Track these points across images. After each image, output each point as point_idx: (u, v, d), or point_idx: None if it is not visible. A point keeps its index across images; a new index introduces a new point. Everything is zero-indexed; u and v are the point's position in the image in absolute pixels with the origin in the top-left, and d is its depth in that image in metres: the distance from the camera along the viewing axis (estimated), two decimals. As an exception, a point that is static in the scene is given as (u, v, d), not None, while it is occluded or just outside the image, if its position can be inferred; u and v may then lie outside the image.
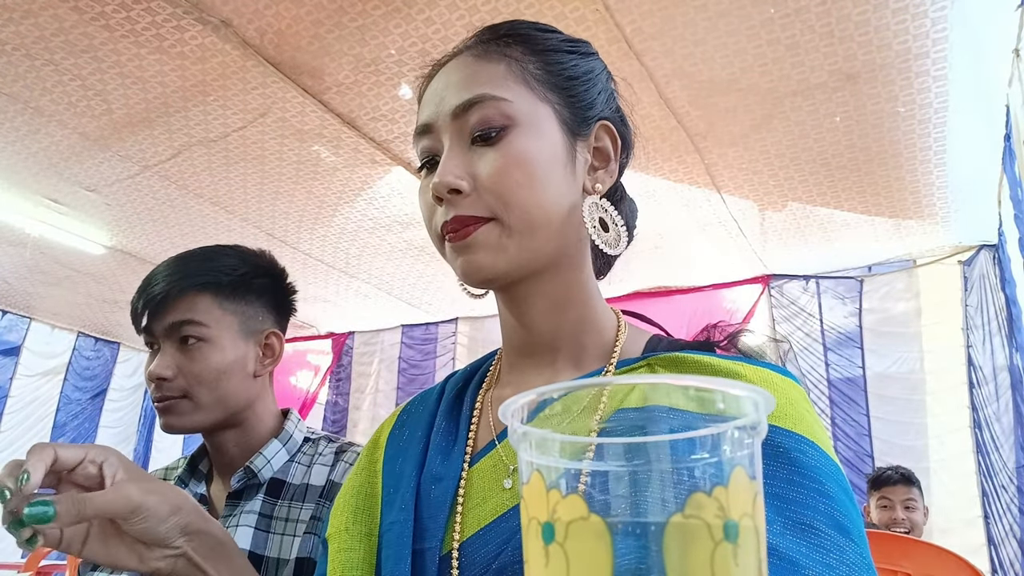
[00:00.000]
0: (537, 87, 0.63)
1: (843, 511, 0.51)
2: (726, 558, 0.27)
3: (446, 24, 2.63)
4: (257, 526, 0.99)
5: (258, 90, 3.07)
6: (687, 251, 4.52)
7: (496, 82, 0.62)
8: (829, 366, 4.54)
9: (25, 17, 2.65)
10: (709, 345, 0.66)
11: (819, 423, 0.57)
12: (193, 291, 1.03)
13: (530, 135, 0.61)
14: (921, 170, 3.47)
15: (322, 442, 1.10)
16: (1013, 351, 3.78)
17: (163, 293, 1.02)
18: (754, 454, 0.29)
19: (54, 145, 3.54)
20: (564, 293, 0.66)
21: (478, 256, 0.61)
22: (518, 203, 0.60)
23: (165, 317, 1.02)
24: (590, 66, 0.68)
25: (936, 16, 2.51)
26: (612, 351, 0.66)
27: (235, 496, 1.03)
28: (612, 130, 0.67)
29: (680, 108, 3.08)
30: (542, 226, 0.61)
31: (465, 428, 0.68)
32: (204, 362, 1.01)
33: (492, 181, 0.60)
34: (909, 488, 2.77)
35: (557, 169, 0.62)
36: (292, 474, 1.05)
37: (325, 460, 1.05)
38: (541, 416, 0.31)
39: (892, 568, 1.49)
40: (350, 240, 4.56)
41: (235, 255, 1.09)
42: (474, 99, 0.61)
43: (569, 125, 0.64)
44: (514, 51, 0.64)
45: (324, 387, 6.21)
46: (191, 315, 1.02)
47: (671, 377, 0.31)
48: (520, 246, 0.61)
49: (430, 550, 0.61)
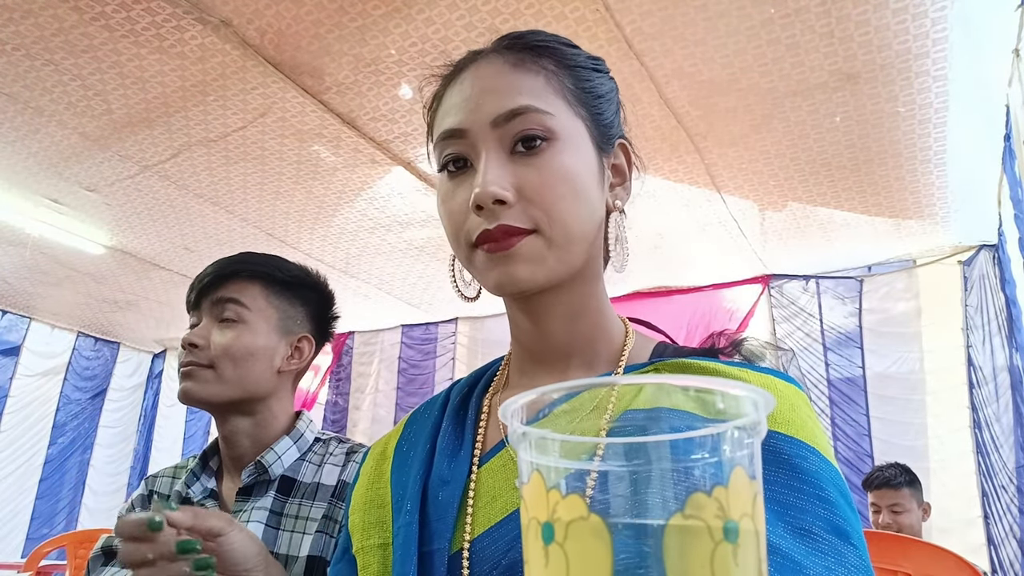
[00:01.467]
0: (573, 102, 0.64)
1: (842, 516, 0.52)
2: (726, 558, 0.27)
3: (446, 24, 2.63)
4: (268, 523, 1.01)
5: (258, 90, 3.07)
6: (687, 251, 4.52)
7: (537, 93, 0.62)
8: (829, 366, 4.54)
9: (25, 17, 2.65)
10: (714, 351, 0.67)
11: (820, 429, 0.58)
12: (246, 276, 1.11)
13: (570, 150, 0.62)
14: (921, 170, 3.47)
15: (333, 442, 1.13)
16: (1013, 351, 3.78)
17: (219, 272, 1.10)
18: (754, 454, 0.29)
19: (54, 145, 3.54)
20: (582, 302, 0.67)
21: (518, 268, 0.61)
22: (561, 217, 0.61)
23: (214, 293, 1.09)
24: (611, 85, 0.70)
25: (936, 16, 2.51)
26: (620, 357, 0.67)
27: (245, 492, 1.04)
28: (628, 149, 0.70)
29: (680, 108, 3.08)
30: (579, 240, 0.63)
31: (471, 432, 0.69)
32: (236, 339, 1.07)
33: (538, 194, 0.60)
34: (895, 491, 2.74)
35: (593, 184, 0.64)
36: (303, 473, 1.07)
37: (336, 460, 1.08)
38: (547, 417, 0.31)
39: (892, 568, 1.49)
40: (350, 240, 4.56)
41: (296, 264, 1.19)
42: (518, 109, 0.61)
43: (597, 142, 0.66)
44: (548, 63, 0.65)
45: (324, 387, 6.21)
46: (237, 295, 1.09)
47: (673, 377, 0.31)
48: (558, 259, 0.62)
49: (439, 551, 0.62)
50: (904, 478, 2.77)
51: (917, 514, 2.76)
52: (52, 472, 6.25)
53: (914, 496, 2.76)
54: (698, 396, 0.30)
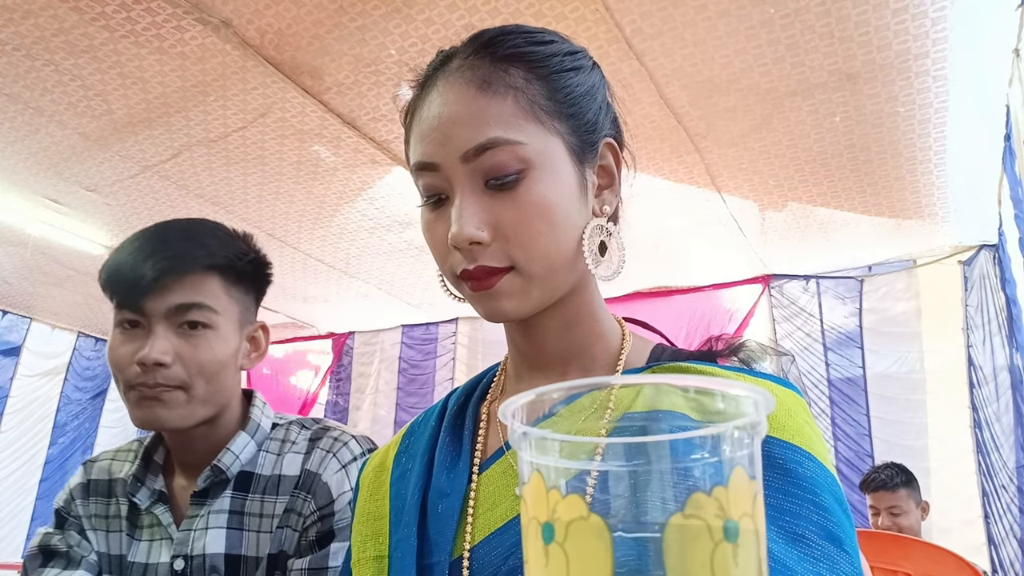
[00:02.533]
0: (547, 120, 0.60)
1: (836, 522, 0.52)
2: (726, 558, 0.27)
3: (446, 24, 2.63)
4: (229, 525, 0.93)
5: (258, 90, 3.07)
6: (687, 251, 4.51)
7: (506, 120, 0.59)
8: (829, 366, 4.53)
9: (25, 17, 2.65)
10: (712, 355, 0.66)
11: (818, 435, 0.57)
12: (202, 271, 0.92)
13: (546, 177, 0.59)
14: (921, 170, 3.47)
15: (293, 428, 1.00)
16: (1013, 351, 3.78)
17: (168, 268, 0.89)
18: (754, 454, 0.29)
19: (54, 145, 3.54)
20: (575, 312, 0.66)
21: (503, 304, 0.60)
22: (539, 253, 0.59)
23: (168, 296, 0.89)
24: (592, 81, 0.65)
25: (936, 16, 2.51)
26: (617, 361, 0.67)
27: (201, 495, 0.94)
28: (614, 146, 0.66)
29: (680, 108, 3.08)
30: (561, 267, 0.61)
31: (469, 441, 0.69)
32: (209, 351, 0.91)
33: (515, 232, 0.58)
34: (893, 493, 2.74)
35: (573, 205, 0.61)
36: (261, 465, 0.96)
37: (298, 448, 0.97)
38: (547, 418, 0.31)
39: (892, 568, 1.49)
40: (350, 240, 4.56)
41: (241, 239, 1.00)
42: (486, 143, 0.58)
43: (578, 153, 0.62)
44: (517, 78, 0.60)
45: (324, 387, 6.21)
46: (200, 298, 0.91)
47: (673, 377, 0.31)
48: (542, 289, 0.61)
49: (438, 564, 0.62)
50: (901, 479, 2.76)
51: (916, 514, 2.76)
52: (53, 472, 6.25)
53: (912, 496, 2.76)
54: (697, 398, 0.30)
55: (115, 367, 0.90)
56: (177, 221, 0.98)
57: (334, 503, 0.92)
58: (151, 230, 0.94)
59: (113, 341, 0.92)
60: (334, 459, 0.94)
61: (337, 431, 0.99)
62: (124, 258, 0.90)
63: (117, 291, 0.90)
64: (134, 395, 0.89)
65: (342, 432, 0.99)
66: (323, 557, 0.89)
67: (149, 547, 0.96)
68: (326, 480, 0.93)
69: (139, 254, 0.90)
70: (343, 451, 0.96)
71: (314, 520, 0.91)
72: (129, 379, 0.89)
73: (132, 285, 0.89)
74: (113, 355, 0.91)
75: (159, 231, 0.94)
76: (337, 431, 0.99)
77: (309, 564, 0.89)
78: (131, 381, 0.89)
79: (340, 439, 0.97)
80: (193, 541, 0.93)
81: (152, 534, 0.96)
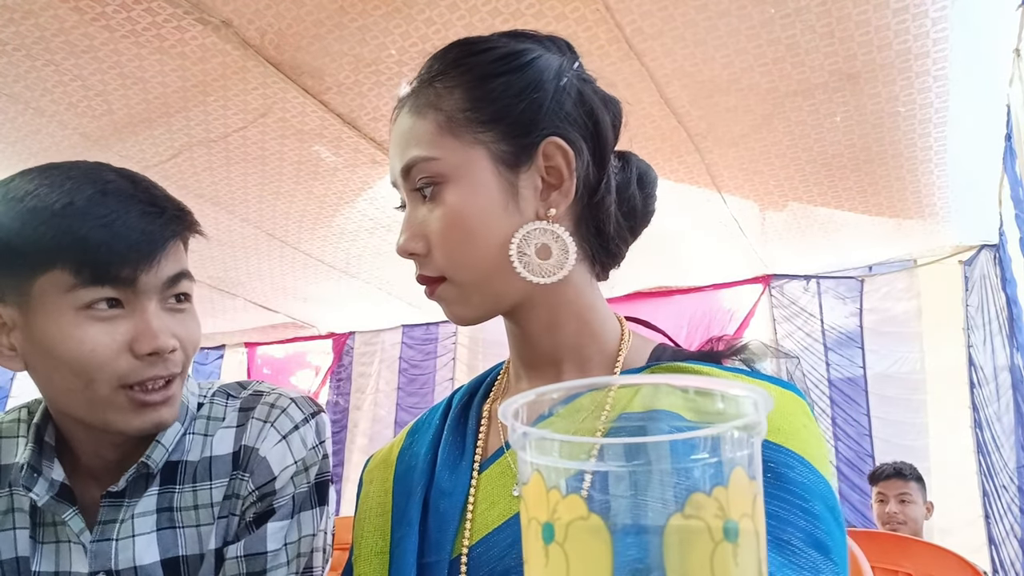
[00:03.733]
0: (465, 134, 0.63)
1: (825, 529, 0.51)
2: (726, 558, 0.27)
3: (446, 24, 2.63)
4: (160, 526, 0.78)
5: (258, 90, 3.07)
6: (688, 251, 4.51)
7: (427, 140, 0.63)
8: (830, 366, 4.53)
9: (25, 17, 2.65)
10: (713, 355, 0.66)
11: (816, 439, 0.57)
12: (178, 239, 0.76)
13: (461, 188, 0.62)
14: (921, 170, 3.47)
15: (217, 400, 0.84)
16: (1014, 351, 3.78)
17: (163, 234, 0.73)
18: (754, 454, 0.29)
19: (55, 145, 3.54)
20: (555, 314, 0.66)
21: (452, 309, 0.66)
22: (460, 262, 0.63)
23: (164, 265, 0.73)
24: (525, 81, 0.63)
25: (936, 16, 2.50)
26: (615, 361, 0.67)
27: (117, 495, 0.77)
28: (562, 145, 0.63)
29: (680, 108, 3.08)
30: (494, 274, 0.63)
31: (472, 441, 0.69)
32: (197, 328, 0.78)
33: (436, 243, 0.63)
34: (905, 482, 2.79)
35: (496, 212, 0.62)
36: (188, 449, 0.80)
37: (230, 421, 0.82)
38: (547, 419, 0.31)
39: (892, 568, 1.49)
40: (350, 240, 4.56)
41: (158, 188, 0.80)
42: (408, 163, 0.64)
43: (508, 160, 0.63)
44: (442, 100, 0.64)
45: (324, 387, 6.22)
46: (185, 265, 0.77)
47: (672, 377, 0.31)
48: (482, 295, 0.64)
49: (439, 562, 0.62)
50: (912, 473, 2.82)
51: (922, 509, 2.79)
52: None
53: (921, 491, 2.80)
54: (696, 399, 0.30)
55: (94, 366, 0.69)
56: (108, 172, 0.77)
57: (275, 480, 0.78)
58: (103, 186, 0.73)
59: (78, 332, 0.68)
60: (272, 429, 0.80)
61: (273, 395, 0.84)
62: (102, 220, 0.69)
63: (103, 262, 0.69)
64: (133, 398, 0.71)
65: (279, 396, 0.84)
66: (259, 540, 0.77)
67: (56, 551, 0.78)
68: (264, 455, 0.79)
69: (127, 215, 0.71)
70: (282, 419, 0.81)
71: (253, 501, 0.78)
72: (124, 378, 0.70)
73: (130, 253, 0.69)
74: (86, 349, 0.68)
75: (117, 182, 0.75)
76: (273, 395, 0.84)
77: (244, 549, 0.77)
78: (128, 380, 0.70)
79: (277, 405, 0.82)
80: (117, 553, 0.76)
81: (58, 535, 0.78)
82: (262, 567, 0.77)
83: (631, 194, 0.71)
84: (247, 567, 0.77)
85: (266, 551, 0.77)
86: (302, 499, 0.80)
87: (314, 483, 0.82)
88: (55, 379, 0.71)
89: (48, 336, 0.68)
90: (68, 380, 0.70)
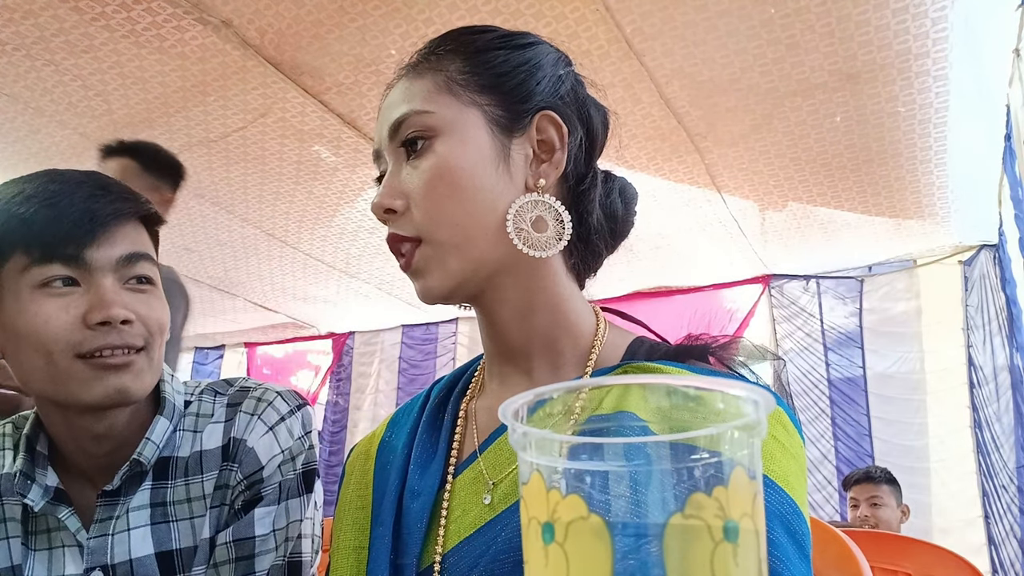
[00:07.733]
0: (463, 93, 0.63)
1: (781, 556, 0.49)
2: (726, 558, 0.27)
3: (446, 24, 2.63)
4: (153, 520, 0.81)
5: (258, 90, 3.07)
6: (687, 251, 4.51)
7: (422, 96, 0.63)
8: (829, 366, 4.53)
9: (25, 17, 2.65)
10: (689, 352, 0.63)
11: (791, 454, 0.54)
12: (136, 220, 0.81)
13: (452, 141, 0.61)
14: (921, 170, 3.47)
15: (205, 398, 0.89)
16: (1014, 351, 3.78)
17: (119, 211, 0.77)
18: (754, 454, 0.29)
19: (54, 145, 3.54)
20: (528, 299, 0.65)
21: (427, 280, 0.63)
22: (444, 219, 0.60)
23: (116, 245, 0.76)
24: (524, 57, 0.66)
25: (936, 16, 2.50)
26: (588, 356, 0.65)
27: (112, 494, 0.81)
28: (555, 119, 0.65)
29: (680, 108, 3.08)
30: (478, 235, 0.61)
31: (446, 440, 0.68)
32: (161, 309, 0.80)
33: (420, 195, 0.61)
34: (875, 485, 2.80)
35: (487, 171, 0.61)
36: (179, 446, 0.85)
37: (217, 417, 0.87)
38: (537, 416, 0.31)
39: (892, 568, 1.49)
40: (350, 240, 4.56)
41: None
42: (400, 117, 0.63)
43: (502, 123, 0.63)
44: (442, 62, 0.65)
45: (324, 387, 6.22)
46: (145, 248, 0.80)
47: (671, 377, 0.31)
48: (460, 259, 0.61)
49: (408, 565, 0.62)
50: (883, 476, 2.83)
51: (896, 512, 2.80)
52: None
53: (893, 493, 2.81)
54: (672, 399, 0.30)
55: (49, 338, 0.72)
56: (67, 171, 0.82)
57: (263, 469, 0.83)
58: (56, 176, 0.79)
59: (34, 307, 0.72)
60: (259, 421, 0.85)
61: (259, 390, 0.89)
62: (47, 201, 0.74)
63: (48, 239, 0.73)
64: (92, 365, 0.73)
65: (265, 390, 0.88)
66: (248, 525, 0.81)
67: (49, 557, 0.81)
68: (252, 445, 0.83)
69: (71, 196, 0.75)
70: (268, 412, 0.86)
71: (241, 489, 0.83)
72: (78, 347, 0.73)
73: (73, 229, 0.73)
74: (40, 323, 0.72)
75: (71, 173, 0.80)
76: (259, 390, 0.89)
77: (233, 535, 0.80)
78: (82, 349, 0.73)
79: (264, 399, 0.87)
80: (113, 548, 0.79)
81: (51, 541, 0.81)
82: (251, 552, 0.81)
83: (613, 199, 0.70)
84: (236, 552, 0.81)
85: (254, 536, 0.81)
86: (289, 486, 0.84)
87: (301, 471, 0.85)
88: (23, 360, 0.75)
89: (12, 316, 0.74)
90: (32, 357, 0.74)
